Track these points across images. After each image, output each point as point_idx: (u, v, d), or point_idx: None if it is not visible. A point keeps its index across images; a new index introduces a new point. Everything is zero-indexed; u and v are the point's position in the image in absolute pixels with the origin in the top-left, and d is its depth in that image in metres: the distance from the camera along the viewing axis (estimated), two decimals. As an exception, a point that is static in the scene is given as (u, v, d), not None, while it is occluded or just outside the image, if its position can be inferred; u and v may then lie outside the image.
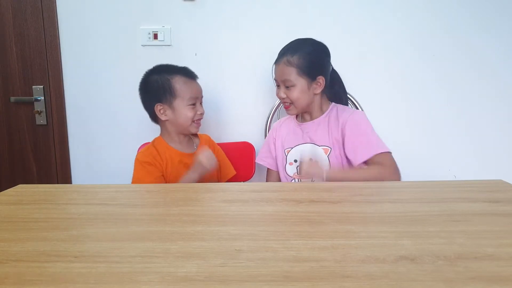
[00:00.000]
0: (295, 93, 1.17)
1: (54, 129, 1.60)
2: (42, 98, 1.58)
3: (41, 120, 1.60)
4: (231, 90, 1.56)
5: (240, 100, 1.57)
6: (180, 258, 0.50)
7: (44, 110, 1.59)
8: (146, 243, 0.55)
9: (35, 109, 1.59)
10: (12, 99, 1.59)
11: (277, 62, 1.21)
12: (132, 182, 1.11)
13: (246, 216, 0.68)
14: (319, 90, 1.20)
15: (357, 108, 1.46)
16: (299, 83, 1.17)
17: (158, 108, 1.17)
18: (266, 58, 1.53)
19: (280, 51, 1.21)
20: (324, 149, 1.17)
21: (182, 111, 1.16)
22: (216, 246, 0.54)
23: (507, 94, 1.53)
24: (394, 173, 1.06)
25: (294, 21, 1.50)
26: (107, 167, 1.62)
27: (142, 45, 1.52)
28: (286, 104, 1.22)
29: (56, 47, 1.54)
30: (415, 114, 1.55)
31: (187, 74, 1.19)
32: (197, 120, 1.19)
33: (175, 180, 1.15)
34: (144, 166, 1.12)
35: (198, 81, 1.23)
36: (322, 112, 1.24)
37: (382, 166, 1.07)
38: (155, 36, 1.51)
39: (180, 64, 1.23)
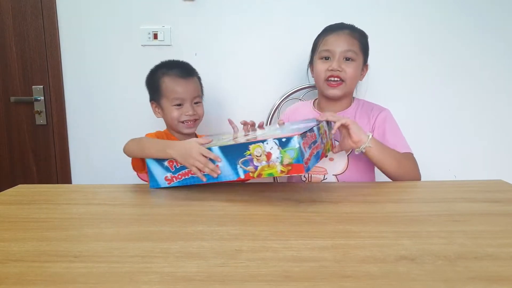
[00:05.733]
0: (353, 69, 1.08)
1: (54, 129, 1.60)
2: (42, 98, 1.58)
3: (41, 120, 1.60)
4: (231, 90, 1.56)
5: (240, 99, 1.57)
6: (180, 258, 0.50)
7: (44, 110, 1.59)
8: (146, 243, 0.55)
9: (35, 109, 1.59)
10: (12, 99, 1.59)
11: (333, 32, 1.10)
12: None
13: (246, 216, 0.68)
14: (363, 78, 1.14)
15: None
16: (358, 59, 1.09)
17: (153, 106, 1.18)
18: (266, 58, 1.54)
19: (332, 26, 1.13)
20: None
21: (167, 110, 1.14)
22: (216, 246, 0.54)
23: (507, 93, 1.53)
24: (419, 173, 1.03)
25: (295, 21, 1.50)
26: (107, 167, 1.61)
27: (142, 45, 1.52)
28: (336, 81, 1.08)
29: (56, 47, 1.54)
30: (415, 114, 1.55)
31: (180, 72, 1.14)
32: (185, 121, 1.13)
33: None
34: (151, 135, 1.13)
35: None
36: (347, 105, 1.16)
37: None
38: (155, 36, 1.51)
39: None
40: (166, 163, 0.88)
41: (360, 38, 1.11)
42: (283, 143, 0.73)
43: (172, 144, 0.90)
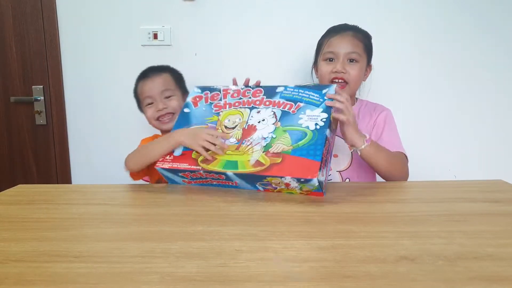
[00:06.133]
0: (356, 71, 1.08)
1: (54, 129, 1.60)
2: (42, 98, 1.58)
3: (41, 120, 1.60)
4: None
5: (240, 100, 1.57)
6: (180, 258, 0.50)
7: (44, 110, 1.59)
8: (146, 243, 0.55)
9: (35, 109, 1.59)
10: (12, 99, 1.59)
11: (337, 34, 1.11)
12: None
13: (246, 216, 0.68)
14: (366, 78, 1.15)
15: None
16: (362, 60, 1.10)
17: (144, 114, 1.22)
18: (266, 58, 1.54)
19: (335, 27, 1.15)
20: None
21: (144, 111, 1.18)
22: (216, 246, 0.54)
23: (507, 93, 1.52)
24: (406, 174, 1.04)
25: (294, 21, 1.50)
26: (107, 167, 1.61)
27: (142, 45, 1.52)
28: (340, 83, 1.09)
29: (56, 47, 1.54)
30: (415, 114, 1.55)
31: (149, 73, 1.18)
32: (160, 117, 1.15)
33: None
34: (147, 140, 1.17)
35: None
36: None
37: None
38: (155, 36, 1.51)
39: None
40: (181, 174, 0.89)
41: (364, 39, 1.12)
42: (302, 182, 0.75)
43: (176, 132, 0.93)
